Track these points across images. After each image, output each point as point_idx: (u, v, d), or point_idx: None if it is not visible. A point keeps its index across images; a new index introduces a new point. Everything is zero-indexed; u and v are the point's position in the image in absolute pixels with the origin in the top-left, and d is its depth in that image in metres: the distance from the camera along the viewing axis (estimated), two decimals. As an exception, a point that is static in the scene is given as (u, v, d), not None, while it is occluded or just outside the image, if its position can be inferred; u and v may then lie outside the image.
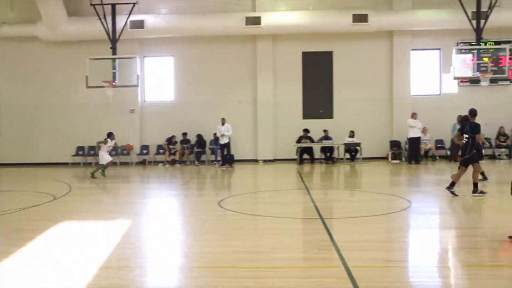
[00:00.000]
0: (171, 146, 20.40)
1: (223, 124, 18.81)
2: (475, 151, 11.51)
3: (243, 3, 20.19)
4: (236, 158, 19.55)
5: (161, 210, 10.65)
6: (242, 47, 20.90)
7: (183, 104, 21.05)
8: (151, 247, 7.20)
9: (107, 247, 6.85)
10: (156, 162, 20.60)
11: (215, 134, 19.53)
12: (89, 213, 9.99)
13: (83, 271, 5.78)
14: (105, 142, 16.00)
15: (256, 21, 19.52)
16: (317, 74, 21.01)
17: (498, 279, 5.35)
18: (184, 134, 20.60)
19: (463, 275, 5.73)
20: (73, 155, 20.84)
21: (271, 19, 19.76)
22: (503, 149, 20.21)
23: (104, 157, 15.99)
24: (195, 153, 20.36)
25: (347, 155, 20.09)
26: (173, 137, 20.41)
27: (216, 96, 20.95)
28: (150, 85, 21.53)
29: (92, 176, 15.69)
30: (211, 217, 9.30)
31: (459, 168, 11.17)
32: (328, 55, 21.00)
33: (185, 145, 20.41)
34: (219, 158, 19.62)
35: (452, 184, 10.79)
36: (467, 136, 10.75)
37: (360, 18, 19.30)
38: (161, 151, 20.58)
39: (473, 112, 11.05)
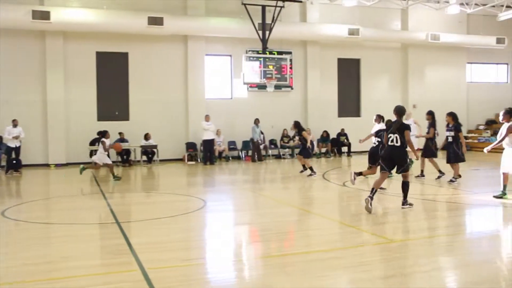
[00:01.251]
0: None
1: (15, 126, 17.19)
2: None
3: (30, -5, 18.74)
4: (24, 163, 17.98)
5: None
6: (30, 43, 19.33)
7: (-43, 104, 18.65)
8: None
9: None
10: None
11: (0, 137, 17.73)
12: None
13: None
14: (103, 143, 15.01)
15: (44, 15, 18.23)
16: (113, 75, 20.56)
17: (286, 266, 5.95)
18: (-41, 137, 18.30)
19: (256, 266, 6.21)
20: None
21: (61, 15, 18.64)
22: (286, 149, 22.25)
23: (104, 157, 15.32)
24: (-27, 159, 18.25)
25: (144, 157, 20.06)
26: None
27: (-1, 95, 19.04)
28: None
29: (116, 179, 15.01)
30: (-6, 228, 8.46)
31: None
32: (124, 56, 20.68)
33: (-40, 150, 18.16)
34: (3, 163, 17.87)
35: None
36: (379, 139, 11.94)
37: (155, 21, 19.39)
38: None
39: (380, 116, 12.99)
